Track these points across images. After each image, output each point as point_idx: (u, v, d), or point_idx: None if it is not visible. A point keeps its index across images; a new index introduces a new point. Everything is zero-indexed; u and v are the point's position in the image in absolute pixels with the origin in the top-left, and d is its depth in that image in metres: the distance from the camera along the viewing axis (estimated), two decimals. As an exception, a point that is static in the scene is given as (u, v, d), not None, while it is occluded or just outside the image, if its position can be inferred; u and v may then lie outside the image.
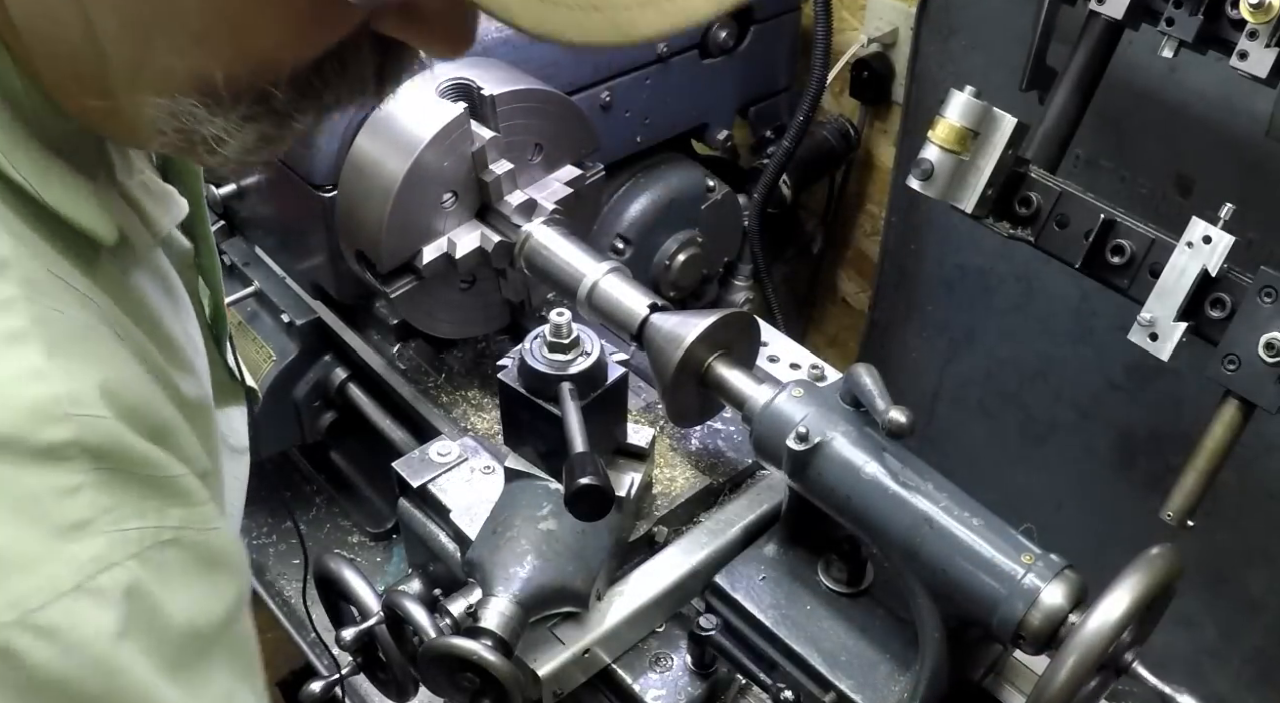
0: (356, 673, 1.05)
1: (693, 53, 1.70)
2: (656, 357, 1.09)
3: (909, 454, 1.01)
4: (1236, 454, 1.09)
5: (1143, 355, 1.10)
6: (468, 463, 1.17)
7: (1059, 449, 1.86)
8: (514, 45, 1.40)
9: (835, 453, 1.01)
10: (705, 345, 1.08)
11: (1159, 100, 1.52)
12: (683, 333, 1.07)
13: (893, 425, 0.95)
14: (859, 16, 1.97)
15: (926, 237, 1.95)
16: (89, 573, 0.52)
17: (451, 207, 1.24)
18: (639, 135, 1.68)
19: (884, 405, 0.96)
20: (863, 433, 1.01)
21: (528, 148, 1.28)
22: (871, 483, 0.99)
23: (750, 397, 1.07)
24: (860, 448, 1.00)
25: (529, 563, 1.01)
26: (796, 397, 1.04)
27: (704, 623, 1.02)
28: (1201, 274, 1.07)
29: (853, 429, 1.01)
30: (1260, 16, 1.06)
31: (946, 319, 1.98)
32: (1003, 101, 1.20)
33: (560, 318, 1.01)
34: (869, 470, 0.99)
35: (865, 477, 0.99)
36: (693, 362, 1.08)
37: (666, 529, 1.14)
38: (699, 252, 1.80)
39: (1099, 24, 1.22)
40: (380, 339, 1.48)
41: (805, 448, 1.00)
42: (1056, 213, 1.19)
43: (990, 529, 0.95)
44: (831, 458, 1.01)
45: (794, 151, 1.86)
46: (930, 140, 1.19)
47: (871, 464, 0.99)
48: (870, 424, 1.00)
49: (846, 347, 2.32)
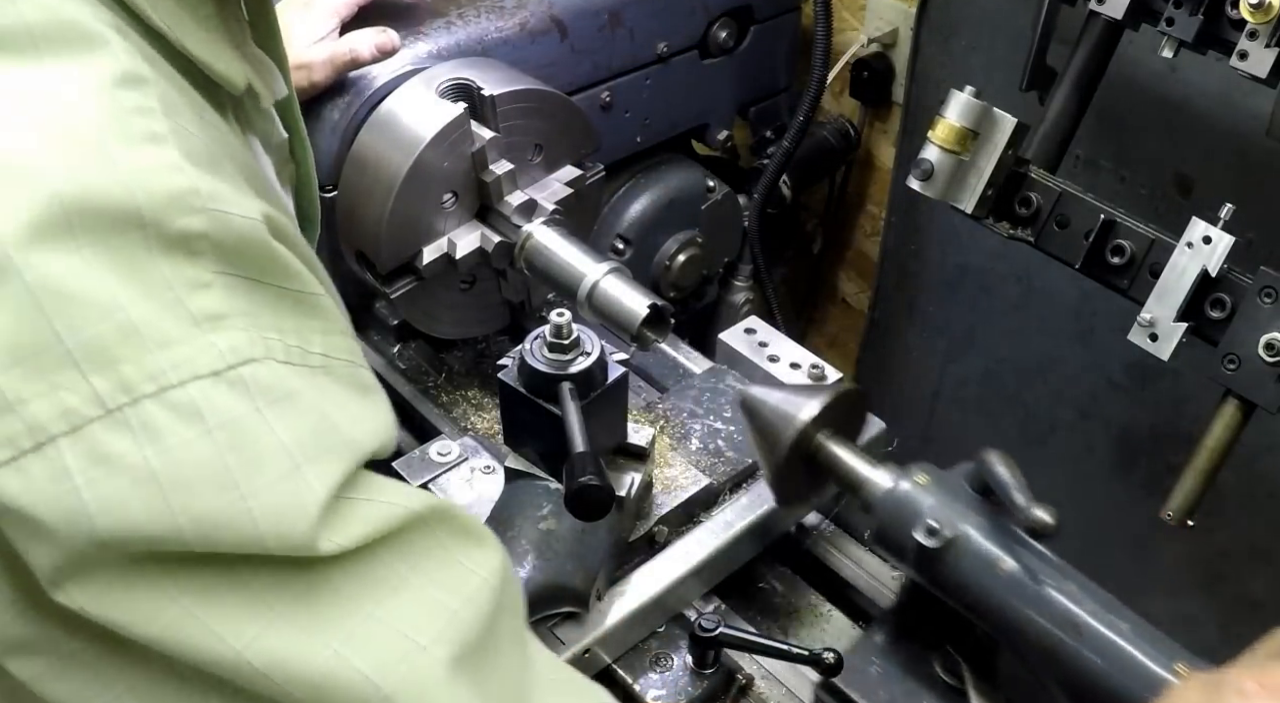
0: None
1: (693, 53, 1.70)
2: (762, 432, 1.00)
3: (1046, 551, 0.94)
4: (1236, 454, 1.09)
5: (1143, 355, 1.10)
6: (468, 463, 1.17)
7: (1059, 449, 1.86)
8: (514, 45, 1.40)
9: (969, 549, 0.93)
10: (817, 423, 1.00)
11: (1159, 100, 1.52)
12: (794, 411, 0.98)
13: (1036, 525, 0.87)
14: (859, 16, 1.97)
15: (926, 237, 1.95)
16: (229, 362, 0.51)
17: (451, 206, 1.24)
18: (639, 135, 1.68)
19: (1024, 502, 0.89)
20: (997, 526, 0.94)
21: (528, 148, 1.28)
22: (1010, 582, 0.91)
23: (868, 482, 0.98)
24: (996, 544, 0.93)
25: (529, 563, 1.01)
26: (921, 485, 0.96)
27: (705, 623, 1.02)
28: (1201, 274, 1.07)
29: (985, 522, 0.94)
30: (1260, 16, 1.06)
31: (946, 319, 1.98)
32: (1003, 101, 1.20)
33: (560, 318, 1.01)
34: (1006, 568, 0.92)
35: (1002, 575, 0.92)
36: (805, 442, 1.00)
37: (666, 529, 1.14)
38: (699, 252, 1.80)
39: (1099, 24, 1.22)
40: (380, 339, 1.48)
41: (937, 544, 0.92)
42: (1056, 213, 1.19)
43: (1140, 636, 0.89)
44: (965, 554, 0.93)
45: (794, 151, 1.86)
46: (930, 140, 1.19)
47: (1008, 562, 0.92)
48: (1003, 514, 0.94)
49: (846, 347, 2.32)
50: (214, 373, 0.51)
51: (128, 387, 0.49)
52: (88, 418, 0.49)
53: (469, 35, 1.37)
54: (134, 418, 0.49)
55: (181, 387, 0.50)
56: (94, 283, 0.49)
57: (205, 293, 0.52)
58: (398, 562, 0.57)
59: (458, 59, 1.32)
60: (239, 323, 0.53)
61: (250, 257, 0.54)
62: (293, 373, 0.54)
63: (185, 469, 0.50)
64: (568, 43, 1.48)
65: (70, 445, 0.48)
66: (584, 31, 1.50)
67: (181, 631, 0.51)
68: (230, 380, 0.51)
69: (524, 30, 1.42)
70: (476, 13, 1.39)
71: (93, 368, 0.49)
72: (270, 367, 0.53)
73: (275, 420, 0.53)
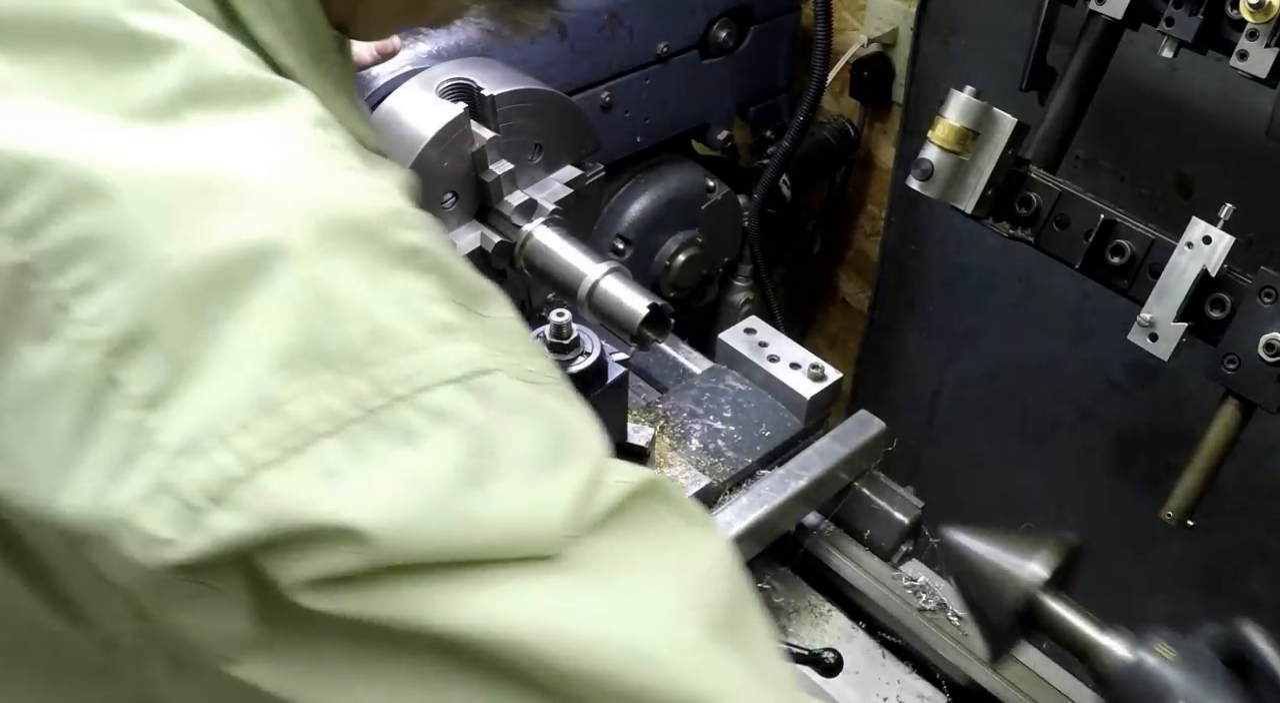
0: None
1: (693, 53, 1.70)
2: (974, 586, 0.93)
3: None
4: (1236, 454, 1.09)
5: (1143, 355, 1.10)
6: (468, 463, 1.17)
7: (1059, 449, 1.86)
8: (514, 45, 1.40)
9: None
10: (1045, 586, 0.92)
11: (1159, 100, 1.51)
12: (1018, 572, 0.91)
13: None
14: (859, 16, 1.97)
15: (926, 237, 1.95)
16: (469, 371, 0.52)
17: (451, 206, 1.24)
18: (639, 135, 1.68)
19: None
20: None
21: (528, 148, 1.28)
22: None
23: (1103, 650, 0.89)
24: None
25: (529, 563, 1.00)
26: (1168, 659, 0.86)
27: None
28: (1201, 274, 1.07)
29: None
30: (1260, 16, 1.06)
31: (946, 319, 1.98)
32: (1003, 101, 1.20)
33: (560, 318, 1.01)
34: None
35: None
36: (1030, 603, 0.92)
37: (666, 529, 1.14)
38: (699, 252, 1.80)
39: (1099, 24, 1.22)
40: (380, 339, 1.48)
41: None
42: (1056, 213, 1.19)
43: None
44: None
45: (794, 151, 1.86)
46: (930, 140, 1.19)
47: None
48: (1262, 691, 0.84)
49: (846, 347, 2.32)
50: (458, 380, 0.52)
51: (383, 390, 0.50)
52: (348, 419, 0.49)
53: (469, 35, 1.37)
54: (389, 420, 0.50)
55: (430, 391, 0.51)
56: (348, 289, 0.50)
57: (438, 306, 0.53)
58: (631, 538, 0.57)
59: (458, 59, 1.32)
60: (472, 334, 0.54)
61: (462, 283, 0.56)
62: (524, 387, 0.55)
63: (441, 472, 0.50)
64: (568, 43, 1.48)
65: (334, 446, 0.49)
66: (584, 31, 1.50)
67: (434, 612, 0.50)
68: (472, 387, 0.52)
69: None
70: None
71: (350, 370, 0.49)
72: (503, 379, 0.54)
73: (519, 428, 0.53)
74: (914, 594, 1.25)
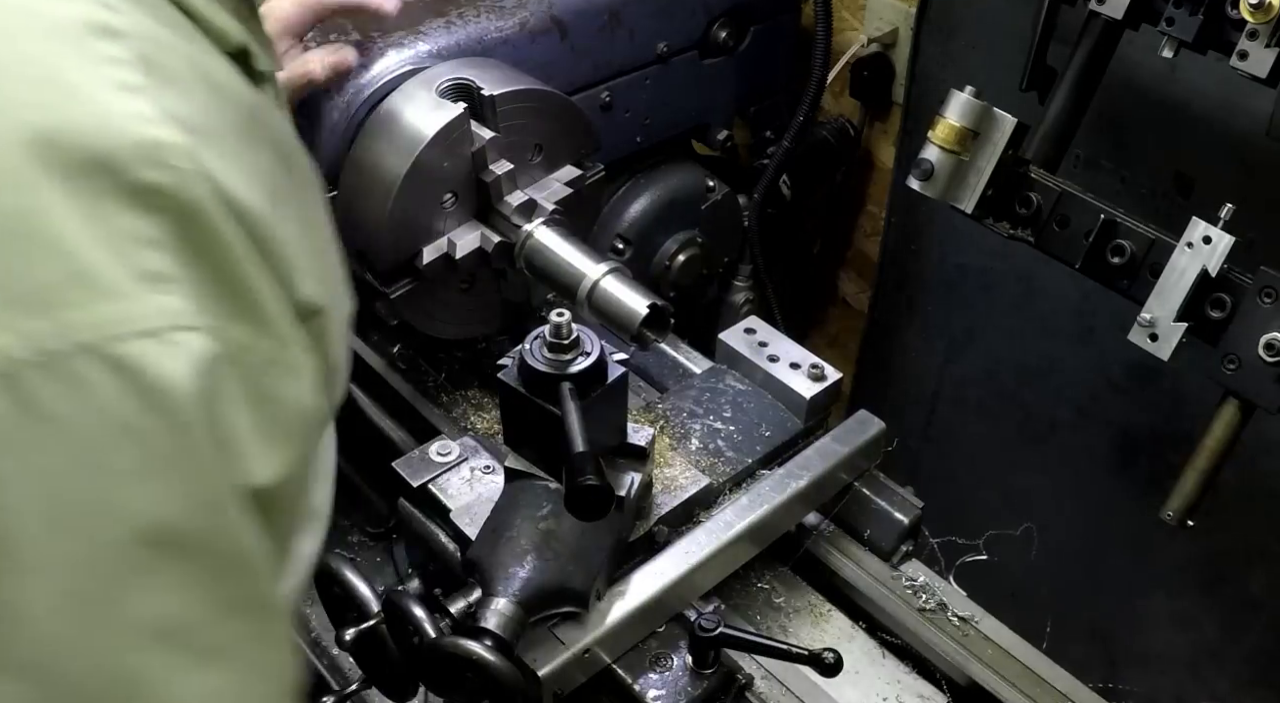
0: (367, 688, 1.05)
1: (693, 53, 1.69)
2: None
3: None
4: (1236, 454, 1.09)
5: (1143, 355, 1.10)
6: (468, 463, 1.17)
7: (1059, 449, 1.86)
8: (514, 45, 1.40)
9: None
10: None
11: (1159, 100, 1.51)
12: None
13: None
14: (859, 16, 1.97)
15: (926, 237, 1.95)
16: (169, 324, 0.50)
17: (451, 206, 1.24)
18: (639, 135, 1.68)
19: None
20: None
21: (528, 148, 1.28)
22: None
23: None
24: None
25: (529, 563, 1.01)
26: None
27: (705, 623, 1.02)
28: (1201, 274, 1.07)
29: None
30: (1260, 16, 1.06)
31: (946, 319, 1.98)
32: (1003, 101, 1.20)
33: (560, 318, 1.00)
34: None
35: None
36: None
37: (667, 529, 1.14)
38: (699, 252, 1.80)
39: (1099, 24, 1.22)
40: (380, 339, 1.48)
41: None
42: (1056, 213, 1.19)
43: None
44: None
45: (794, 151, 1.86)
46: (930, 140, 1.19)
47: None
48: None
49: (846, 347, 2.32)
50: (154, 332, 0.50)
51: (64, 334, 0.48)
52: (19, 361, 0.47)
53: (469, 35, 1.37)
54: (64, 368, 0.48)
55: (121, 341, 0.49)
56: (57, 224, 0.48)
57: (156, 251, 0.51)
58: None
59: (457, 59, 1.32)
60: (185, 287, 0.51)
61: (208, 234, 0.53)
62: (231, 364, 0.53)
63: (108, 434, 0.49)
64: (568, 43, 1.48)
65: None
66: (584, 31, 1.50)
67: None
68: (168, 343, 0.50)
69: (524, 30, 1.42)
70: (476, 13, 1.39)
71: (36, 311, 0.48)
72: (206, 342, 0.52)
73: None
74: (914, 594, 1.25)
